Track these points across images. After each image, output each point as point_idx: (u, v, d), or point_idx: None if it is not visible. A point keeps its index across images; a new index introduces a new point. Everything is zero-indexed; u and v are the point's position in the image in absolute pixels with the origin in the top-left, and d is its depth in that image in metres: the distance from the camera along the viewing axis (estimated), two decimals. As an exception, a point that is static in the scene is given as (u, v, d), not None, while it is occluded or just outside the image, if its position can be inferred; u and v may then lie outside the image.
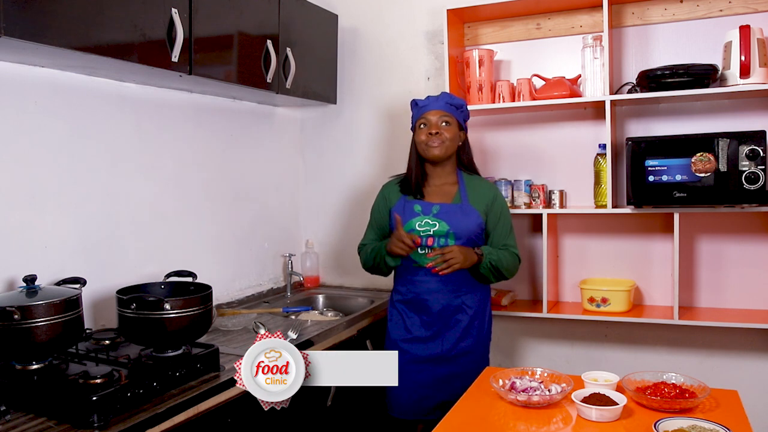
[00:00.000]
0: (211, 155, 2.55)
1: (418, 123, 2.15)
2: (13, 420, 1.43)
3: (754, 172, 2.13)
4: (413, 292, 2.15)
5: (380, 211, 2.26)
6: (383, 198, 2.26)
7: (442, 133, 2.10)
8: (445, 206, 2.12)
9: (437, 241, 2.09)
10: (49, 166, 1.90)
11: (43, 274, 1.75)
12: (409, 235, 2.05)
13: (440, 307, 2.12)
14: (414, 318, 2.16)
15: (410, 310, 2.17)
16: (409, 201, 2.16)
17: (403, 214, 2.13)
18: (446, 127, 2.12)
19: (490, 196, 2.17)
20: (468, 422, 1.57)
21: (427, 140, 2.11)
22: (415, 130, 2.17)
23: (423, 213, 2.12)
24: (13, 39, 1.45)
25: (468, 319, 2.14)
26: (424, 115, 2.13)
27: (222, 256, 2.62)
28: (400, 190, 2.21)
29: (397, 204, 2.18)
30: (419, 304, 2.14)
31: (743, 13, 2.35)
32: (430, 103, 2.14)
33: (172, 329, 1.67)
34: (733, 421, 1.47)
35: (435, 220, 2.10)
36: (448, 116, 2.12)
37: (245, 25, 2.24)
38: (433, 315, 2.13)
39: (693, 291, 2.50)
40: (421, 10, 2.85)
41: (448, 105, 2.14)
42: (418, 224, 2.10)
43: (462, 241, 2.09)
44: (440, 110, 2.12)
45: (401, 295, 2.19)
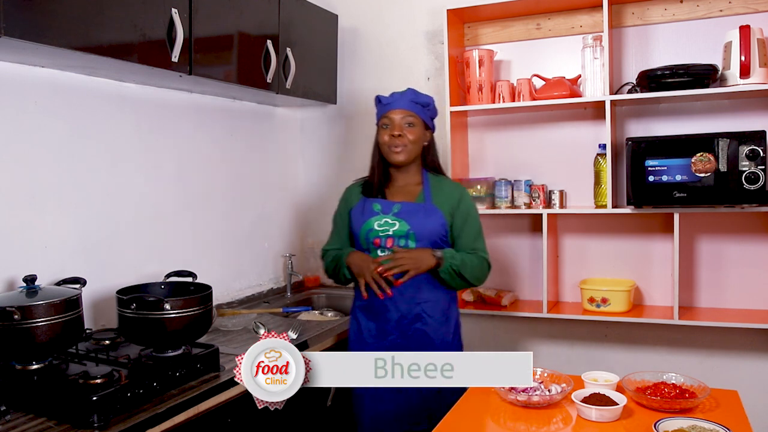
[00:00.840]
0: (211, 155, 2.55)
1: (381, 122, 2.02)
2: (13, 420, 1.43)
3: (754, 172, 2.12)
4: (371, 298, 1.99)
5: (341, 214, 2.13)
6: (344, 200, 2.14)
7: (405, 136, 1.97)
8: (406, 205, 1.99)
9: (397, 242, 1.96)
10: (49, 166, 1.90)
11: (43, 274, 1.75)
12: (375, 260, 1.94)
13: (398, 315, 1.97)
14: (371, 326, 2.03)
15: (368, 318, 2.04)
16: (369, 200, 2.04)
17: (362, 214, 2.02)
18: (410, 129, 1.98)
19: (456, 196, 2.03)
20: (468, 422, 1.57)
21: (390, 142, 1.98)
22: (378, 129, 2.04)
23: (383, 212, 1.99)
24: (13, 39, 1.45)
25: (428, 329, 1.98)
26: (387, 114, 2.00)
27: (222, 256, 2.62)
28: (362, 191, 2.08)
29: (357, 205, 2.06)
30: (376, 311, 2.00)
31: (743, 13, 2.35)
32: (393, 101, 2.00)
33: (172, 329, 1.67)
34: (733, 421, 1.47)
35: (395, 220, 1.97)
36: (413, 116, 1.99)
37: (245, 25, 2.24)
38: (391, 323, 1.98)
39: (693, 291, 2.50)
40: (421, 10, 2.85)
41: (413, 103, 2.00)
42: (377, 224, 1.98)
43: (423, 243, 1.95)
44: (404, 109, 1.98)
45: (361, 301, 2.05)
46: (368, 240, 1.99)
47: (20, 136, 1.82)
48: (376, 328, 2.02)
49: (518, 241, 2.75)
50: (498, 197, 2.64)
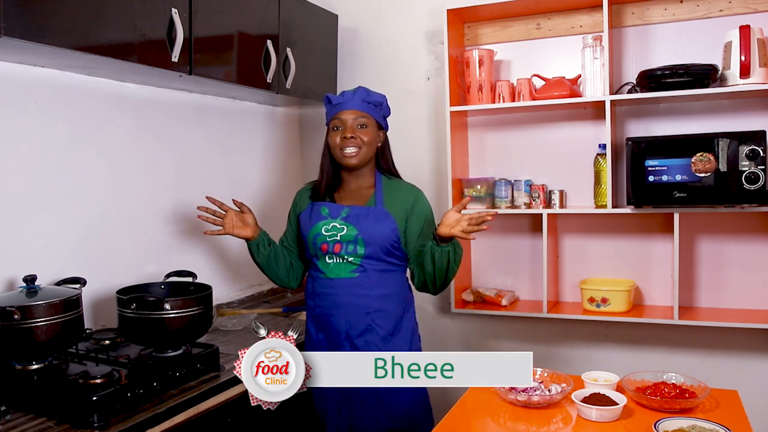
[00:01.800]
0: (211, 155, 2.55)
1: (331, 123, 1.90)
2: (13, 420, 1.43)
3: (754, 172, 2.12)
4: (320, 307, 1.90)
5: (290, 219, 2.04)
6: (294, 204, 2.04)
7: (358, 138, 1.86)
8: (355, 209, 1.88)
9: (345, 247, 1.85)
10: (49, 166, 1.90)
11: (43, 274, 1.75)
12: None
13: (347, 326, 1.85)
14: (321, 337, 1.91)
15: (317, 329, 1.93)
16: (317, 204, 1.94)
17: (310, 218, 1.91)
18: (363, 130, 1.87)
19: (410, 200, 1.91)
20: (468, 422, 1.57)
21: (342, 145, 1.86)
22: (329, 131, 1.92)
23: (330, 216, 1.89)
24: (13, 39, 1.45)
25: (380, 342, 1.85)
26: (337, 115, 1.88)
27: (222, 256, 2.62)
28: (311, 195, 1.99)
29: (306, 209, 1.96)
30: (324, 322, 1.89)
31: (743, 13, 2.35)
32: (344, 100, 1.88)
33: (172, 329, 1.67)
34: (733, 421, 1.47)
35: (343, 224, 1.86)
36: (365, 117, 1.88)
37: (245, 25, 2.24)
38: (341, 335, 1.86)
39: (693, 291, 2.50)
40: (421, 10, 2.85)
41: (365, 103, 1.89)
42: (324, 228, 1.87)
43: (373, 248, 1.84)
44: (356, 110, 1.87)
45: (310, 310, 1.95)
46: (316, 245, 1.89)
47: (20, 136, 1.82)
48: (326, 339, 1.90)
49: (518, 241, 2.75)
50: (498, 197, 2.64)
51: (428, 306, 2.89)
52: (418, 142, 2.87)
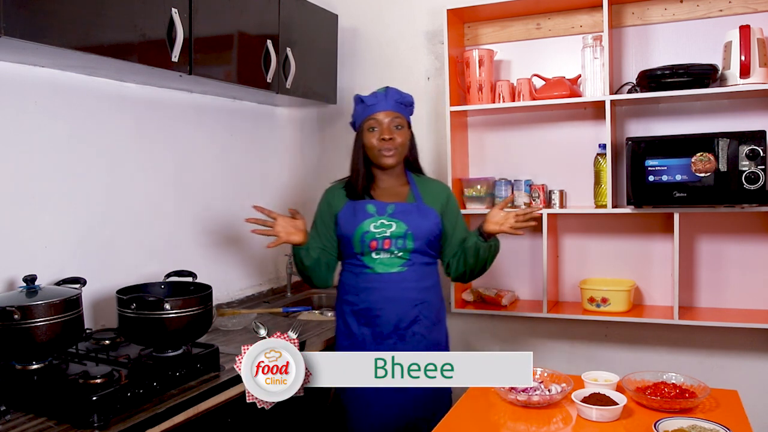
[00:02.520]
0: (211, 155, 2.55)
1: (366, 124, 1.95)
2: (13, 420, 1.43)
3: (754, 172, 2.12)
4: (366, 302, 1.94)
5: (323, 219, 2.04)
6: (327, 204, 2.05)
7: (395, 139, 1.93)
8: (400, 206, 1.96)
9: (394, 243, 1.92)
10: (49, 166, 1.90)
11: (43, 274, 1.75)
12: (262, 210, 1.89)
13: (396, 319, 1.93)
14: (365, 331, 1.96)
15: (360, 323, 1.96)
16: (360, 202, 1.97)
17: (354, 217, 1.95)
18: (399, 131, 1.94)
19: (444, 195, 2.04)
20: (468, 422, 1.57)
21: (380, 146, 1.93)
22: (363, 131, 1.97)
23: (377, 213, 1.94)
24: (13, 39, 1.45)
25: (425, 331, 1.95)
26: (373, 116, 1.93)
27: (222, 256, 2.62)
28: (347, 194, 2.02)
29: (345, 208, 1.99)
30: (372, 316, 1.94)
31: (743, 13, 2.35)
32: (378, 101, 1.94)
33: (172, 329, 1.67)
34: (733, 421, 1.47)
35: (391, 221, 1.92)
36: (400, 117, 1.95)
37: (245, 25, 2.24)
38: (388, 328, 1.93)
39: (693, 291, 2.50)
40: (421, 10, 2.85)
41: (399, 104, 1.95)
42: (372, 225, 1.92)
43: (420, 242, 1.94)
44: (392, 111, 1.93)
45: (350, 305, 1.98)
46: (363, 242, 1.93)
47: (20, 136, 1.82)
48: (372, 333, 1.95)
49: (518, 241, 2.75)
50: (498, 197, 2.64)
51: (428, 306, 2.89)
52: (418, 142, 2.85)
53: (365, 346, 1.95)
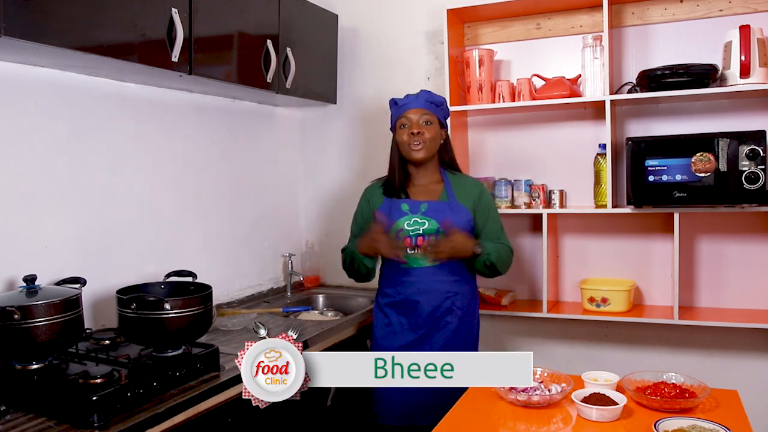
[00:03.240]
0: (211, 155, 2.55)
1: (398, 123, 2.11)
2: (13, 420, 1.43)
3: (754, 172, 2.12)
4: (402, 294, 2.11)
5: (364, 215, 2.21)
6: (366, 201, 2.21)
7: (423, 133, 2.06)
8: (433, 204, 2.09)
9: (428, 239, 2.06)
10: (49, 166, 1.90)
11: (43, 274, 1.75)
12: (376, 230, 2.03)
13: (430, 309, 2.08)
14: (402, 320, 2.12)
15: (398, 313, 2.13)
16: (395, 201, 2.12)
17: (390, 214, 2.09)
18: (427, 127, 2.07)
19: (476, 192, 2.15)
20: (468, 422, 1.57)
21: (409, 141, 2.06)
22: (396, 130, 2.12)
23: (411, 212, 2.08)
24: (13, 39, 1.45)
25: (457, 320, 2.10)
26: (404, 114, 2.09)
27: (222, 256, 2.62)
28: (384, 192, 2.16)
29: (382, 205, 2.14)
30: (408, 306, 2.10)
31: (743, 13, 2.35)
32: (410, 101, 2.10)
33: (172, 329, 1.67)
34: (733, 421, 1.47)
35: (424, 219, 2.06)
36: (429, 115, 2.08)
37: (245, 25, 2.24)
38: (423, 317, 2.09)
39: (693, 291, 2.50)
40: (421, 10, 2.85)
41: (429, 103, 2.09)
42: (406, 224, 2.07)
43: None
44: (421, 109, 2.08)
45: (389, 297, 2.14)
46: (399, 239, 2.07)
47: (20, 136, 1.82)
48: (408, 322, 2.10)
49: (518, 241, 2.75)
50: (498, 197, 2.64)
51: (428, 306, 2.89)
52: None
53: (402, 334, 2.11)
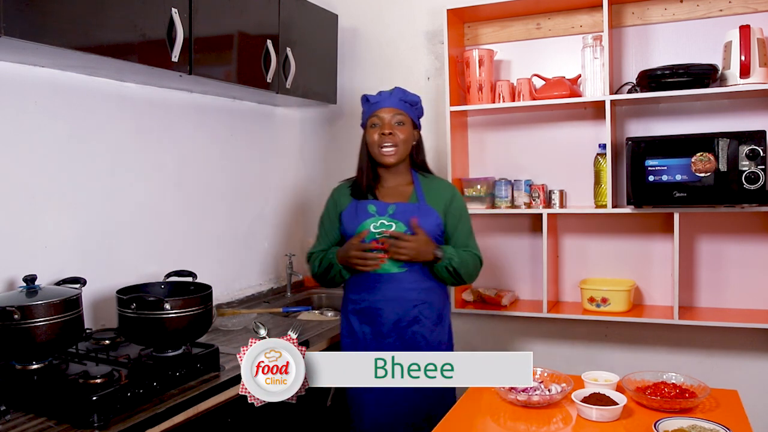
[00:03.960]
0: (211, 155, 2.55)
1: (369, 121, 1.98)
2: (13, 420, 1.43)
3: (754, 172, 2.12)
4: (366, 301, 1.97)
5: (330, 217, 2.07)
6: (333, 202, 2.08)
7: (395, 135, 1.94)
8: (401, 206, 1.96)
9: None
10: (49, 166, 1.90)
11: (43, 274, 1.75)
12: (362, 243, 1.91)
13: (395, 318, 1.94)
14: (366, 329, 1.99)
15: (361, 321, 1.99)
16: (362, 202, 1.99)
17: (356, 216, 1.97)
18: (400, 128, 1.95)
19: (448, 195, 2.02)
20: (468, 422, 1.57)
21: (380, 141, 1.94)
22: (366, 128, 2.00)
23: (378, 213, 1.96)
24: (13, 39, 1.45)
25: (425, 331, 1.96)
26: (376, 113, 1.96)
27: (222, 256, 2.62)
28: (351, 193, 2.04)
29: (348, 207, 2.01)
30: (371, 314, 1.97)
31: (743, 13, 2.35)
32: (382, 99, 1.97)
33: (172, 329, 1.67)
34: (733, 421, 1.47)
35: (391, 221, 1.94)
36: (403, 115, 1.96)
37: (245, 25, 2.24)
38: (388, 326, 1.95)
39: (693, 291, 2.50)
40: (421, 10, 2.85)
41: (403, 102, 1.97)
42: (372, 225, 1.94)
43: None
44: (394, 108, 1.95)
45: (353, 304, 2.01)
46: (364, 242, 1.94)
47: (20, 136, 1.82)
48: (372, 331, 1.98)
49: (518, 241, 2.75)
50: (498, 197, 2.64)
51: (428, 306, 2.89)
52: (418, 142, 2.87)
53: (366, 344, 1.98)
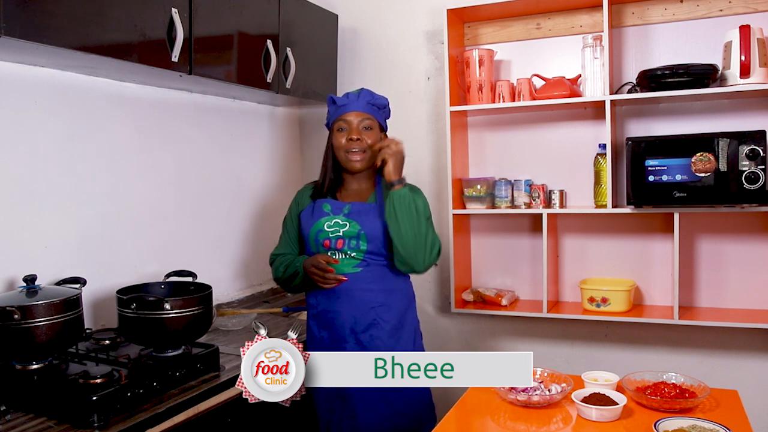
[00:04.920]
0: (211, 155, 2.55)
1: (335, 125, 1.91)
2: (13, 420, 1.43)
3: (754, 172, 2.12)
4: (322, 305, 1.90)
5: (291, 218, 2.02)
6: (295, 204, 2.03)
7: (363, 140, 1.87)
8: (357, 205, 1.89)
9: (348, 243, 1.85)
10: (49, 166, 1.90)
11: (43, 274, 1.75)
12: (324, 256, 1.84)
13: (352, 321, 1.85)
14: (324, 334, 1.90)
15: (319, 326, 1.91)
16: (318, 201, 1.94)
17: (312, 215, 1.92)
18: (367, 132, 1.89)
19: None
20: (468, 422, 1.57)
21: (347, 146, 1.87)
22: (332, 132, 1.93)
23: (333, 212, 1.90)
24: (13, 39, 1.45)
25: (385, 335, 1.85)
26: (342, 117, 1.89)
27: (222, 256, 2.62)
28: (312, 194, 1.99)
29: (307, 207, 1.96)
30: (327, 320, 1.89)
31: (743, 13, 2.35)
32: (349, 102, 1.90)
33: (172, 329, 1.67)
34: (733, 421, 1.47)
35: (345, 220, 1.87)
36: (370, 119, 1.90)
37: (245, 25, 2.24)
38: (344, 331, 1.86)
39: (693, 291, 2.50)
40: (421, 10, 2.85)
41: (370, 105, 1.91)
42: (326, 224, 1.88)
43: (375, 244, 1.85)
44: (362, 112, 1.89)
45: (312, 308, 1.94)
46: (318, 241, 1.89)
47: (20, 136, 1.82)
48: (329, 337, 1.89)
49: (518, 241, 2.75)
50: (498, 197, 2.64)
51: (428, 306, 2.89)
52: (418, 142, 2.87)
53: (325, 350, 1.88)
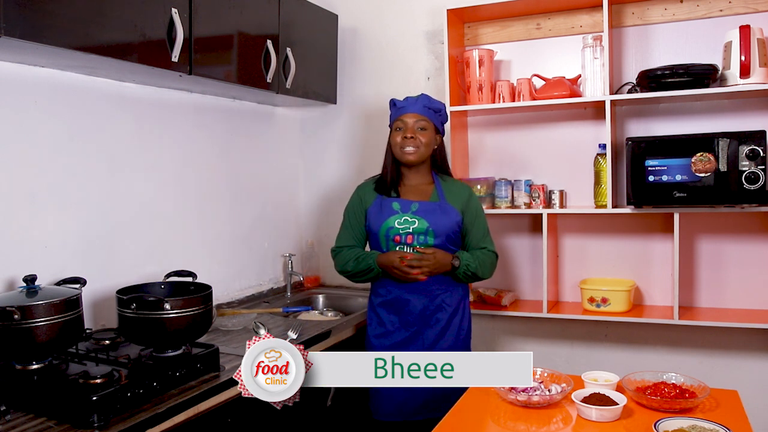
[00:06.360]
0: (211, 155, 2.55)
1: (395, 125, 2.15)
2: (13, 420, 1.43)
3: (754, 172, 2.13)
4: (393, 293, 2.14)
5: (356, 213, 2.23)
6: (359, 199, 2.24)
7: (417, 138, 2.10)
8: (423, 204, 2.12)
9: (416, 238, 2.09)
10: (49, 166, 1.90)
11: (43, 274, 1.75)
12: (399, 253, 2.07)
13: (421, 307, 2.11)
14: (393, 319, 2.15)
15: (389, 312, 2.16)
16: (386, 199, 2.16)
17: (381, 213, 2.13)
18: (421, 133, 2.12)
19: (465, 195, 2.18)
20: (468, 422, 1.57)
21: (402, 144, 2.11)
22: (392, 131, 2.17)
23: (402, 210, 2.12)
24: (13, 39, 1.45)
25: (447, 316, 2.13)
26: (401, 117, 2.13)
27: (222, 256, 2.62)
28: (375, 189, 2.20)
29: (374, 204, 2.17)
30: (399, 305, 2.14)
31: (743, 13, 2.35)
32: (408, 105, 2.14)
33: (172, 329, 1.67)
34: (733, 421, 1.47)
35: (414, 218, 2.10)
36: (425, 120, 2.12)
37: (245, 25, 2.24)
38: (414, 315, 2.12)
39: (693, 291, 2.50)
40: (421, 10, 2.85)
41: (426, 109, 2.13)
42: (396, 222, 2.10)
43: (441, 239, 2.10)
44: (417, 114, 2.11)
45: (381, 297, 2.17)
46: (388, 237, 2.10)
47: (20, 136, 1.82)
48: (399, 320, 2.14)
49: (518, 241, 2.75)
50: (498, 197, 2.64)
51: (428, 306, 2.89)
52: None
53: (394, 332, 2.14)
